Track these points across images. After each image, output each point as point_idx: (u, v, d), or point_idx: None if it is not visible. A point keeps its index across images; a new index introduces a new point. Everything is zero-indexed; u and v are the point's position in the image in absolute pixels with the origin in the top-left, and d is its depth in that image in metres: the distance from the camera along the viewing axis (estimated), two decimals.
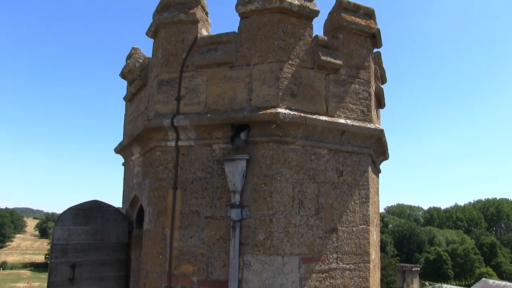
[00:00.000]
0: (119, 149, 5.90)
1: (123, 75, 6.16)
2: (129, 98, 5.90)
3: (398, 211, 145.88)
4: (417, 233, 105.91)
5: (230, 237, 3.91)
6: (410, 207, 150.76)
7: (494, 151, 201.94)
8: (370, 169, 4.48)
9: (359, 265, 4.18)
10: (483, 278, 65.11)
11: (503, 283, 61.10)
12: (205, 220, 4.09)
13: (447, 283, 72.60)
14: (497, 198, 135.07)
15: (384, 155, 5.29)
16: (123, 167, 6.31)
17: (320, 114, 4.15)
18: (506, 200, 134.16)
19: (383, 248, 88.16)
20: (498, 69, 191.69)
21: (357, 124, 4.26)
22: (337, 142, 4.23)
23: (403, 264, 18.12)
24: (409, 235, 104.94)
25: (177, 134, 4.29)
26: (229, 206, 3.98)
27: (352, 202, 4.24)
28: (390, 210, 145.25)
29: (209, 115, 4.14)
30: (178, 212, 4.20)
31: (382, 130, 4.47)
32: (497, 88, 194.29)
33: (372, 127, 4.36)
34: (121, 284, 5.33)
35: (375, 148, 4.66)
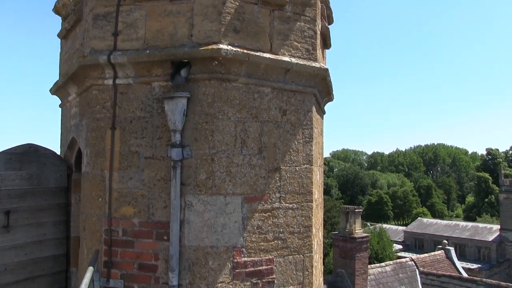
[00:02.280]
0: (55, 90, 5.57)
1: (56, 10, 5.73)
2: (64, 35, 5.52)
3: (343, 155, 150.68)
4: (361, 177, 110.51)
5: (171, 178, 3.81)
6: (354, 152, 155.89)
7: (433, 99, 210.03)
8: (314, 109, 4.44)
9: (302, 204, 4.22)
10: (418, 218, 69.49)
11: (435, 221, 65.52)
12: (145, 160, 3.96)
13: (387, 223, 76.87)
14: (435, 144, 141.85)
15: (329, 96, 5.26)
16: (60, 108, 6.00)
17: (264, 52, 4.03)
18: (443, 145, 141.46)
19: (328, 191, 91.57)
20: (445, 19, 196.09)
21: (301, 63, 4.18)
22: (281, 81, 4.14)
23: (347, 206, 18.78)
24: (353, 178, 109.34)
25: (114, 71, 4.06)
26: (169, 146, 3.86)
27: (296, 142, 4.22)
28: (335, 155, 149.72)
29: (148, 52, 3.92)
30: (117, 153, 4.04)
31: (327, 69, 4.42)
32: (443, 38, 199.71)
33: (317, 66, 4.28)
34: (61, 229, 5.18)
35: (320, 88, 4.61)
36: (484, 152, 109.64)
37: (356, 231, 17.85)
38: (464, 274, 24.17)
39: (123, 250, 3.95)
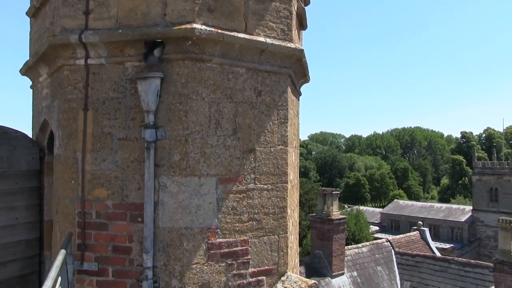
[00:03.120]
0: (25, 70, 5.42)
1: None
2: (33, 13, 5.35)
3: (321, 138, 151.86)
4: (339, 159, 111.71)
5: (145, 159, 3.76)
6: (332, 134, 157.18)
7: (411, 82, 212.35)
8: (289, 90, 4.43)
9: (277, 185, 4.23)
10: (395, 200, 70.81)
11: (411, 202, 66.95)
12: (119, 142, 3.90)
13: (364, 205, 78.15)
14: (412, 127, 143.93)
15: (305, 78, 5.25)
16: (31, 90, 5.85)
17: (238, 32, 3.98)
18: (419, 128, 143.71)
19: (306, 174, 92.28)
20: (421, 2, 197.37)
21: (276, 43, 4.14)
22: (256, 61, 4.11)
23: (324, 188, 18.94)
24: (331, 161, 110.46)
25: (86, 51, 3.96)
26: (143, 127, 3.80)
27: (271, 123, 4.21)
28: (313, 138, 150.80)
29: (120, 31, 3.84)
30: (90, 134, 3.97)
31: (303, 50, 4.40)
32: (421, 20, 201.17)
33: (292, 46, 4.26)
34: (33, 212, 5.09)
35: (295, 69, 4.60)
36: (459, 136, 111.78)
37: (334, 213, 18.06)
38: (438, 254, 24.77)
39: (97, 232, 3.91)
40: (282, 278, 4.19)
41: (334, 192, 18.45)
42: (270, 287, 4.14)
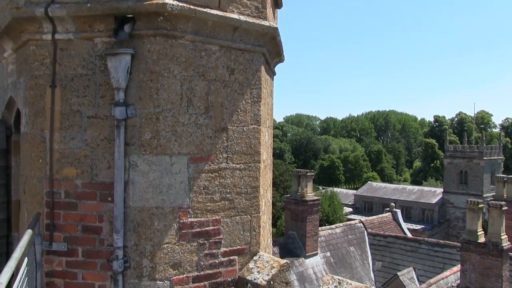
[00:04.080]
0: None
1: None
2: None
3: (296, 120, 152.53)
4: (314, 141, 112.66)
5: (115, 137, 3.68)
6: (308, 116, 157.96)
7: (386, 65, 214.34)
8: (263, 68, 4.38)
9: (250, 165, 4.20)
10: (368, 182, 72.00)
11: (384, 185, 68.32)
12: (88, 120, 3.80)
13: (338, 187, 79.25)
14: (386, 110, 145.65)
15: (279, 57, 5.20)
16: None
17: (211, 8, 3.89)
18: (394, 111, 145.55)
19: (281, 156, 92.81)
20: None
21: (250, 21, 4.07)
22: (229, 39, 4.04)
23: (299, 170, 18.99)
24: (306, 143, 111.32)
25: (53, 26, 3.82)
26: (113, 105, 3.71)
27: (244, 102, 4.16)
28: (288, 119, 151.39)
29: (89, 5, 3.70)
30: (58, 112, 3.86)
31: (277, 28, 4.34)
32: (396, 5, 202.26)
33: (266, 24, 4.20)
34: (0, 193, 4.96)
35: (269, 48, 4.54)
36: (432, 119, 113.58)
37: (308, 194, 18.19)
38: (409, 235, 25.31)
39: (66, 212, 3.82)
40: (255, 258, 4.20)
41: (308, 174, 18.54)
42: (242, 267, 4.14)
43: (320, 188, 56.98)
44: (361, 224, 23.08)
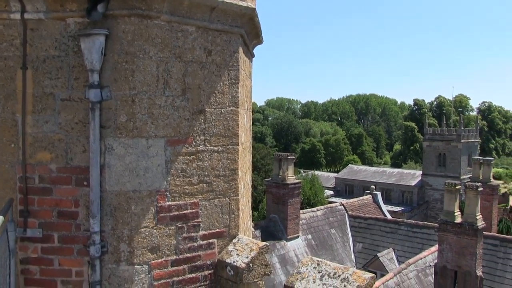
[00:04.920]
0: None
1: None
2: None
3: (277, 104, 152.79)
4: (295, 125, 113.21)
5: (90, 120, 3.59)
6: (289, 100, 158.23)
7: (366, 49, 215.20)
8: (241, 50, 4.31)
9: (228, 147, 4.16)
10: (349, 165, 72.79)
11: (365, 167, 69.22)
12: (62, 102, 3.70)
13: (320, 170, 79.95)
14: (367, 94, 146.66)
15: (258, 39, 5.13)
16: None
17: None
18: (374, 95, 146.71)
19: (262, 140, 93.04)
20: None
21: (228, 1, 3.98)
22: (206, 19, 3.95)
23: (280, 153, 19.05)
24: (287, 127, 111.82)
25: (22, 4, 3.68)
26: (87, 87, 3.61)
27: (221, 83, 4.10)
28: (270, 103, 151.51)
29: None
30: (30, 94, 3.74)
31: (254, 9, 4.26)
32: None
33: (244, 5, 4.12)
34: None
35: (247, 29, 4.47)
36: (412, 103, 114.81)
37: (289, 177, 18.27)
38: (389, 216, 25.72)
39: (41, 197, 3.74)
40: (234, 241, 4.18)
41: (289, 157, 18.60)
42: (222, 250, 4.13)
43: (302, 171, 57.38)
44: (342, 206, 23.33)
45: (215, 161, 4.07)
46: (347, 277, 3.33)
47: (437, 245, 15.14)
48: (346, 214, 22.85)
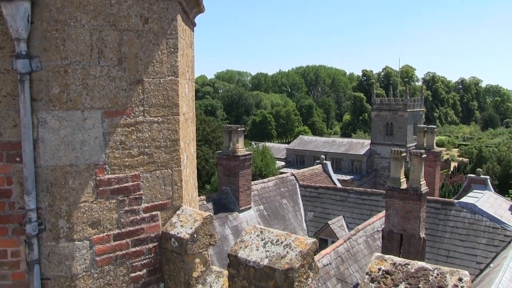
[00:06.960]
0: None
1: None
2: None
3: (227, 76, 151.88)
4: (245, 97, 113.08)
5: (19, 93, 3.40)
6: (239, 72, 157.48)
7: (315, 20, 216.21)
8: (179, 18, 4.18)
9: (168, 117, 4.07)
10: (300, 135, 73.77)
11: (315, 138, 70.48)
12: None
13: (271, 142, 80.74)
14: (316, 65, 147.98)
15: (198, 7, 4.99)
16: None
17: None
18: (324, 66, 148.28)
19: (213, 113, 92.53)
20: None
21: None
22: None
23: (229, 125, 18.95)
24: (237, 99, 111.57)
25: None
26: (14, 57, 3.41)
27: (159, 52, 3.97)
28: (219, 76, 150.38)
29: None
30: None
31: None
32: None
33: None
34: None
35: None
36: (360, 74, 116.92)
37: (239, 149, 18.27)
38: (339, 185, 26.32)
39: None
40: (178, 212, 4.15)
41: (239, 129, 18.55)
42: (166, 222, 4.08)
43: (253, 143, 57.60)
44: (293, 176, 23.66)
45: (155, 132, 3.98)
46: (290, 243, 3.37)
47: (384, 211, 15.68)
48: (297, 184, 23.21)
